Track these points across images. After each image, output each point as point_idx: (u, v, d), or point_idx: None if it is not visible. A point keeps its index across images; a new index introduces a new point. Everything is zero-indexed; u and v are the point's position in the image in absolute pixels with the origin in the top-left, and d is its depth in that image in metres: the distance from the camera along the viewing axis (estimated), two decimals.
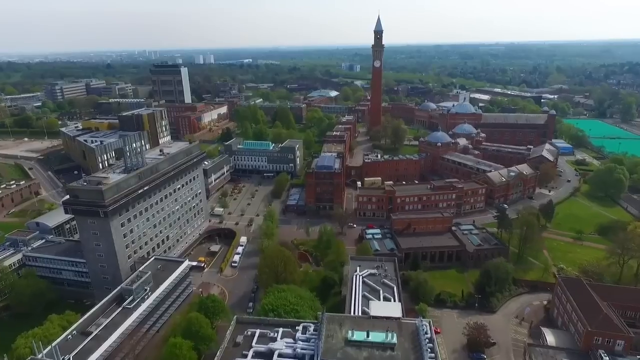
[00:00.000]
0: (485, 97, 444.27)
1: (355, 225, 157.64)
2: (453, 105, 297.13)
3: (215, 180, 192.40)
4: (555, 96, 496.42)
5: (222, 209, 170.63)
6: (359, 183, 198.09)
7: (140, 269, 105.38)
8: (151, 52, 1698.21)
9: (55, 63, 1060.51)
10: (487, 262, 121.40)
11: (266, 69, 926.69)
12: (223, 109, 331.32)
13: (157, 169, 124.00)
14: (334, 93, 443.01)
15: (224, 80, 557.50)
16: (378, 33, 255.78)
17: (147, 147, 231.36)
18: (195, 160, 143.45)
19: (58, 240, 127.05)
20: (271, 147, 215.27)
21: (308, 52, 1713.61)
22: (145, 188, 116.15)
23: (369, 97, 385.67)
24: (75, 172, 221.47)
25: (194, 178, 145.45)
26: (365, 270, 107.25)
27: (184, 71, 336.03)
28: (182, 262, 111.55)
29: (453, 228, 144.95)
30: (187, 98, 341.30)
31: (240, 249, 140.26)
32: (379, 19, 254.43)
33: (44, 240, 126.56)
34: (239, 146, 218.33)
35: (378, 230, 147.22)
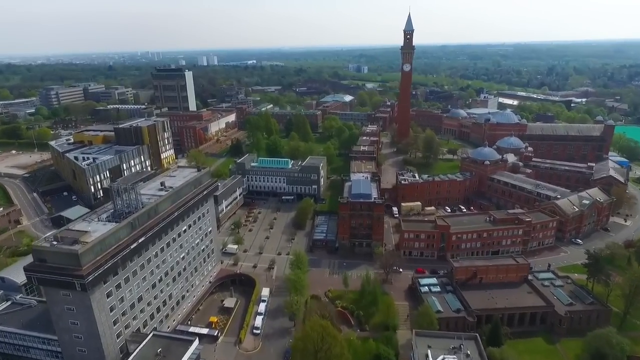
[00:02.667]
0: (512, 102, 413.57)
1: (401, 270, 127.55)
2: (489, 113, 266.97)
3: (226, 208, 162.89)
4: (583, 100, 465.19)
5: (236, 246, 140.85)
6: (394, 209, 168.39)
7: (134, 354, 75.89)
8: (154, 53, 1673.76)
9: (56, 65, 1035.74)
10: (592, 334, 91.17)
11: (271, 70, 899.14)
12: (231, 117, 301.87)
13: (157, 210, 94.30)
14: (348, 97, 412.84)
15: (230, 83, 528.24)
16: (408, 33, 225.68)
17: (148, 164, 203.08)
18: (205, 192, 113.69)
19: (28, 303, 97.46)
20: (290, 166, 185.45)
21: (312, 53, 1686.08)
22: (140, 240, 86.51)
23: (388, 103, 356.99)
24: (65, 193, 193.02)
25: (203, 214, 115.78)
26: (441, 357, 77.53)
27: (189, 75, 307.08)
28: (191, 341, 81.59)
29: (529, 277, 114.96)
30: (192, 104, 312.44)
31: (262, 307, 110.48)
32: (409, 17, 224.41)
33: (9, 302, 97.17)
34: (252, 164, 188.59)
35: (434, 280, 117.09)
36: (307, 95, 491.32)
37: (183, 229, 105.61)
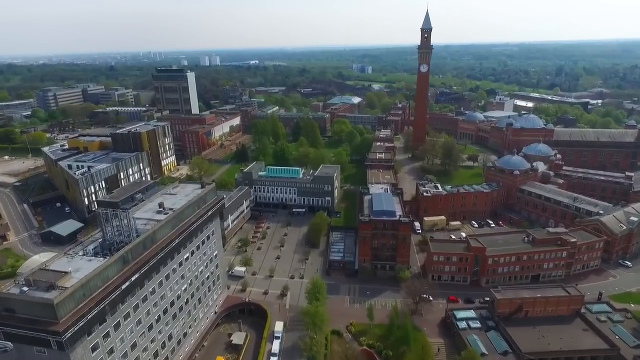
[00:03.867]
0: (526, 103, 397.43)
1: (431, 298, 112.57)
2: (509, 117, 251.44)
3: (232, 223, 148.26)
4: (599, 101, 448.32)
5: (243, 269, 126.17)
6: (416, 224, 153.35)
7: None
8: (156, 53, 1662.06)
9: (58, 65, 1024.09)
10: None
11: (275, 71, 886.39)
12: (235, 120, 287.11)
13: (155, 239, 79.64)
14: (356, 99, 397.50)
15: (234, 84, 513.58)
16: (426, 31, 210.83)
17: (147, 172, 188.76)
18: (210, 213, 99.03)
19: (4, 346, 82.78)
20: (301, 175, 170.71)
21: (314, 53, 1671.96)
22: (134, 277, 71.92)
23: (399, 105, 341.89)
24: (58, 204, 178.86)
25: (208, 237, 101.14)
26: None
27: (191, 76, 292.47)
28: None
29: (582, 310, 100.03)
30: (194, 107, 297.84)
31: (276, 345, 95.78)
32: (427, 14, 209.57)
33: None
34: (260, 173, 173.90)
35: (472, 313, 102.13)
36: (312, 96, 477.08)
37: (185, 257, 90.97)
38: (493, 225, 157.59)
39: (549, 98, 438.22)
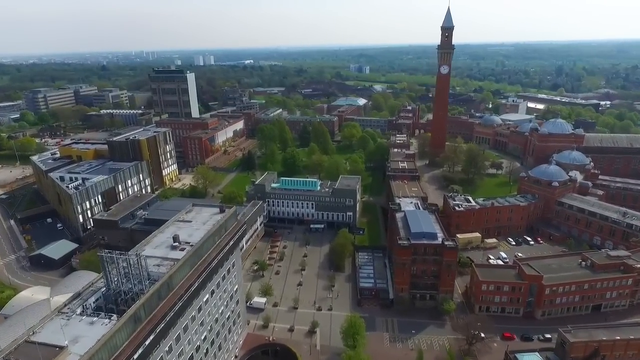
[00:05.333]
0: (535, 105, 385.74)
1: (483, 335, 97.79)
2: (530, 121, 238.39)
3: (246, 243, 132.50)
4: (608, 102, 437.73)
5: (264, 300, 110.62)
6: None
7: None
8: (149, 53, 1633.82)
9: (48, 65, 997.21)
10: None
11: (271, 70, 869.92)
12: (239, 124, 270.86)
13: (172, 284, 63.92)
14: (362, 101, 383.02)
15: (233, 85, 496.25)
16: (447, 30, 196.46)
17: (147, 183, 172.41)
18: (232, 243, 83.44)
19: None
20: (319, 188, 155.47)
21: (309, 52, 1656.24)
22: (148, 340, 56.16)
23: (409, 107, 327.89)
24: (49, 220, 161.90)
25: (228, 270, 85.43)
26: None
27: (190, 77, 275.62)
28: None
29: None
30: (194, 110, 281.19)
31: None
32: (448, 12, 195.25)
33: None
34: (273, 185, 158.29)
35: (537, 357, 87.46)
36: (313, 97, 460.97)
37: (204, 299, 75.23)
38: (532, 242, 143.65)
39: (558, 99, 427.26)
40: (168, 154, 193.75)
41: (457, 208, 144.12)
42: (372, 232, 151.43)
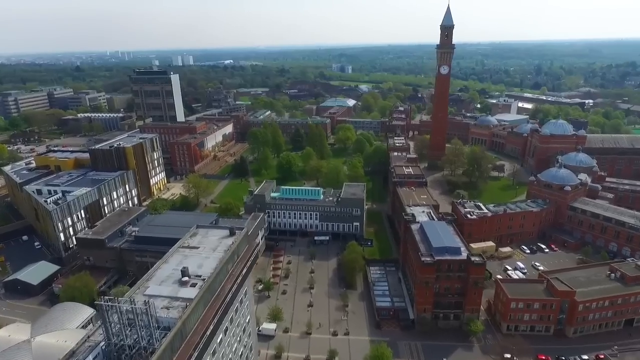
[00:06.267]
0: (521, 104, 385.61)
1: (517, 359, 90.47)
2: (528, 122, 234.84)
3: None
4: (591, 101, 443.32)
5: (273, 326, 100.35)
6: None
7: None
8: (124, 53, 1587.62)
9: (17, 66, 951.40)
10: None
11: (253, 71, 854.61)
12: (228, 128, 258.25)
13: (185, 331, 53.27)
14: (351, 101, 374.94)
15: (217, 86, 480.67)
16: (447, 29, 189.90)
17: (134, 194, 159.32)
18: (245, 271, 73.15)
19: None
20: (322, 197, 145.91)
21: (290, 52, 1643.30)
22: None
23: (401, 108, 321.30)
24: (25, 237, 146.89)
25: (241, 301, 75.04)
26: None
27: (175, 79, 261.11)
28: None
29: None
30: (179, 113, 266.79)
31: None
32: (448, 10, 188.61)
33: None
34: (273, 195, 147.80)
35: None
36: (299, 98, 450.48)
37: (219, 340, 64.72)
38: (547, 250, 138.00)
39: (544, 98, 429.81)
40: (155, 161, 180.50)
41: (469, 216, 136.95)
42: (381, 244, 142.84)
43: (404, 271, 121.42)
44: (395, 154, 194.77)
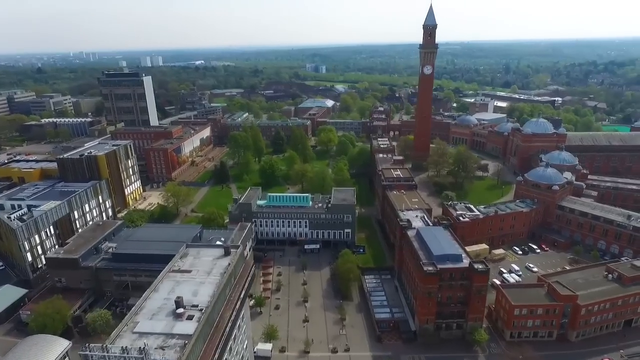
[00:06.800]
0: (500, 103, 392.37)
1: None
2: (507, 120, 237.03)
3: None
4: (559, 99, 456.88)
5: (269, 347, 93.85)
6: None
7: None
8: (89, 53, 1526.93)
9: None
10: None
11: (225, 71, 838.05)
12: (206, 132, 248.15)
13: None
14: (329, 102, 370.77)
15: (191, 88, 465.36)
16: (429, 28, 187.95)
17: (108, 205, 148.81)
18: (243, 294, 66.73)
19: None
20: (310, 203, 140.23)
21: (262, 52, 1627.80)
22: None
23: (381, 108, 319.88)
24: None
25: (239, 327, 68.47)
26: None
27: (147, 81, 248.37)
28: None
29: None
30: (153, 117, 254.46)
31: None
32: (430, 9, 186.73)
33: None
34: (259, 203, 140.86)
35: None
36: (276, 99, 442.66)
37: None
38: (538, 250, 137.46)
39: (517, 97, 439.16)
40: (130, 169, 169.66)
41: (461, 218, 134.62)
42: (373, 250, 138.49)
43: (399, 279, 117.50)
44: (381, 155, 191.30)
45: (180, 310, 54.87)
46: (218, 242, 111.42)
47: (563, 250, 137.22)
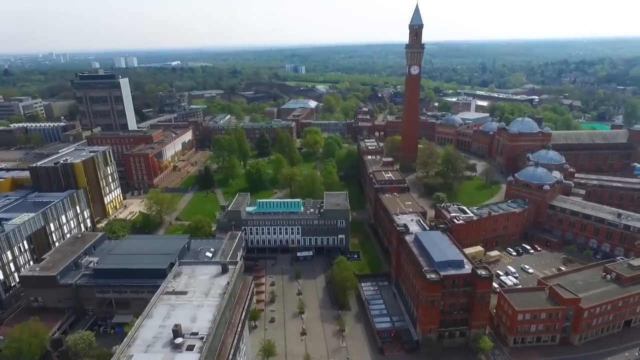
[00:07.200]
0: (480, 102, 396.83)
1: None
2: (492, 120, 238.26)
3: None
4: (536, 97, 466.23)
5: None
6: None
7: None
8: (59, 54, 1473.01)
9: None
10: None
11: (203, 72, 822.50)
12: (187, 135, 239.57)
13: None
14: (312, 103, 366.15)
15: (169, 90, 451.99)
16: (416, 28, 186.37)
17: (87, 215, 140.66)
18: (244, 315, 61.73)
19: None
20: (302, 209, 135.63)
21: (240, 52, 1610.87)
22: None
23: (365, 109, 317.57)
24: None
25: (239, 351, 63.41)
26: None
27: (124, 83, 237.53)
28: None
29: None
30: (131, 121, 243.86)
31: None
32: (417, 9, 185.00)
33: None
34: (249, 209, 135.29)
35: None
36: (258, 100, 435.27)
37: None
38: (532, 250, 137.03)
39: (496, 96, 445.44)
40: (110, 177, 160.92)
41: (456, 221, 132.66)
42: (367, 256, 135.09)
43: (397, 285, 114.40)
44: (370, 157, 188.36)
45: (179, 340, 49.57)
46: (208, 253, 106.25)
47: (556, 250, 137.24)
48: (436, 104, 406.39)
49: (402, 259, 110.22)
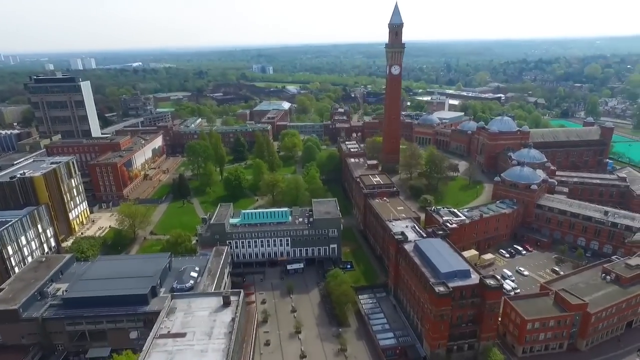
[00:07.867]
0: (451, 101, 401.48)
1: None
2: (470, 119, 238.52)
3: None
4: (503, 96, 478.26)
5: None
6: None
7: None
8: (8, 56, 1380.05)
9: None
10: None
11: (167, 73, 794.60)
12: (158, 141, 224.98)
13: None
14: (286, 104, 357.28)
15: (134, 93, 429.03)
16: (395, 27, 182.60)
17: (50, 234, 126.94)
18: (252, 350, 53.57)
19: None
20: (290, 218, 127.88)
21: (204, 53, 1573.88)
22: None
23: (341, 110, 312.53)
24: None
25: None
26: None
27: (86, 86, 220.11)
28: None
29: None
30: (94, 127, 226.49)
31: None
32: (396, 8, 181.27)
33: None
34: (232, 221, 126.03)
35: None
36: (228, 102, 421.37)
37: None
38: (524, 252, 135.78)
39: (466, 94, 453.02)
40: (74, 190, 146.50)
41: (449, 224, 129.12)
42: (361, 265, 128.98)
43: (396, 296, 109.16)
44: (353, 160, 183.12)
45: None
46: (193, 273, 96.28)
47: (547, 250, 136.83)
48: (409, 104, 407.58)
49: (401, 269, 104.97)
